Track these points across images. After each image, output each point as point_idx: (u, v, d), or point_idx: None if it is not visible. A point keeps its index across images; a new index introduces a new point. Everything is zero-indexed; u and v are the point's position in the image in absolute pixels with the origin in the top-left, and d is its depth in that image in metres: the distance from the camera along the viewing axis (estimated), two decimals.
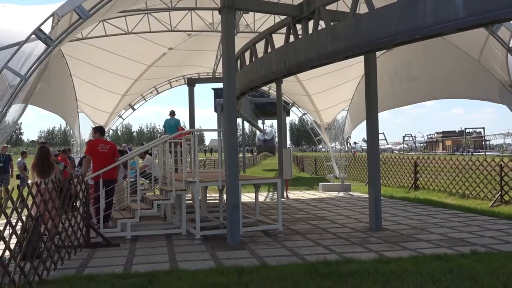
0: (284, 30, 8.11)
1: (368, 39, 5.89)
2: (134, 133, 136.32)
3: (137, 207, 7.53)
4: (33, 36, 5.64)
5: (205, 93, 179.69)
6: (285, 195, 13.49)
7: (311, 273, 4.92)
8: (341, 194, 14.38)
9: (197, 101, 15.91)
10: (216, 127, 25.43)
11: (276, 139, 41.57)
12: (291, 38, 7.73)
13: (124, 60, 14.15)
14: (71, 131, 16.38)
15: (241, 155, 29.53)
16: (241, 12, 11.41)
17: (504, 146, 68.22)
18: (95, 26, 11.81)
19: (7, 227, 4.18)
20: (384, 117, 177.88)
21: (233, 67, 7.19)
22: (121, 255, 6.19)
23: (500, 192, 10.46)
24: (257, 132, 35.66)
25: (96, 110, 16.45)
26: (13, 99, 5.46)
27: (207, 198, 10.87)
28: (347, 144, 17.73)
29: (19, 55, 5.62)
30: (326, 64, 7.00)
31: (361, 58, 8.19)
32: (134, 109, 18.58)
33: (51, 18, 5.63)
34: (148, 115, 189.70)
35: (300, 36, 7.46)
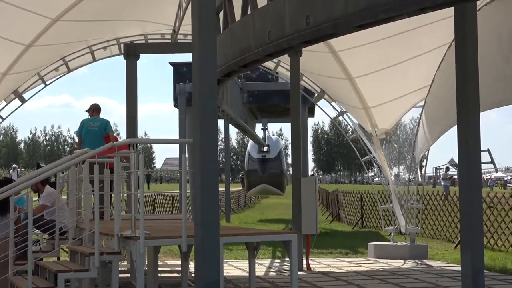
0: None
1: None
2: (22, 145, 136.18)
3: (27, 284, 7.47)
4: None
5: (158, 72, 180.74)
6: (304, 265, 13.46)
7: None
8: (410, 263, 14.36)
9: (143, 86, 15.86)
10: (177, 136, 25.49)
11: (288, 160, 41.43)
12: None
13: (10, 9, 14.15)
14: None
15: (221, 189, 29.39)
16: None
17: None
18: None
19: None
20: (491, 120, 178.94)
21: (211, 25, 7.23)
22: None
23: None
24: (249, 144, 35.21)
25: None
26: None
27: (159, 269, 10.78)
28: (421, 171, 17.70)
29: None
30: (384, 22, 7.03)
31: (448, 11, 8.22)
32: (23, 101, 18.52)
33: None
34: (49, 112, 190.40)
35: None
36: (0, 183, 9.43)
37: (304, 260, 13.54)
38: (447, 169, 44.08)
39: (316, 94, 19.29)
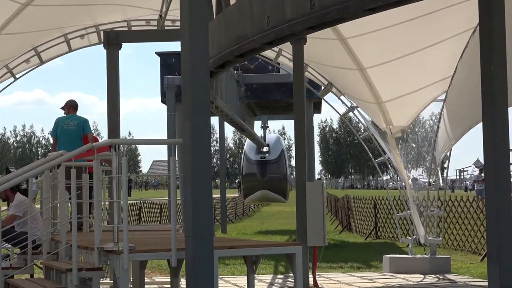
0: None
1: None
2: None
3: None
4: None
5: (142, 63, 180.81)
6: (311, 281, 13.47)
7: None
8: (431, 278, 14.38)
9: (126, 79, 15.79)
10: (166, 136, 25.35)
11: (291, 162, 41.07)
12: None
13: None
14: None
15: (216, 195, 29.36)
16: None
17: None
18: None
19: None
20: None
21: (203, 9, 7.20)
22: None
23: None
24: (246, 144, 35.07)
25: None
26: None
27: (146, 287, 10.74)
28: (443, 173, 17.65)
29: None
30: (398, 4, 6.98)
31: None
32: None
33: None
34: (20, 109, 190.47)
35: None
36: None
37: (311, 276, 13.52)
38: (481, 170, 41.42)
39: (322, 87, 19.24)
